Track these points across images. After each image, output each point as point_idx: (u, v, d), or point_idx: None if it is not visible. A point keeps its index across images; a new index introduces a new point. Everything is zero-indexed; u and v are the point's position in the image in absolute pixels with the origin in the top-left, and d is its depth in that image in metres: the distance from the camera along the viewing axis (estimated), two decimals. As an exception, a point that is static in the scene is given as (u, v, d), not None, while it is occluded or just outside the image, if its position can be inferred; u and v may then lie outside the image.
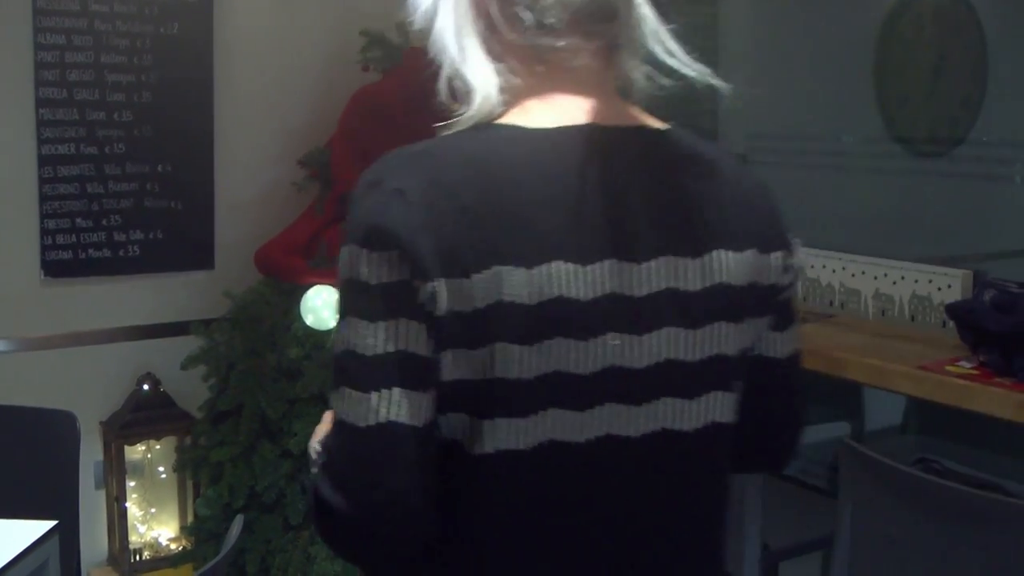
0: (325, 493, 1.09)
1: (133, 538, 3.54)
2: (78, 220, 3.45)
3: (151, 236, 3.58)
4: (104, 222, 3.49)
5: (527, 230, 1.07)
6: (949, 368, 2.08)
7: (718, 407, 1.19)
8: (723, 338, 1.17)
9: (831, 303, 2.62)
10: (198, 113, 3.61)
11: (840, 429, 3.03)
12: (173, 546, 3.59)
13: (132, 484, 3.53)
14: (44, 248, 3.42)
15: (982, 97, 2.66)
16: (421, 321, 1.06)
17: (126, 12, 3.44)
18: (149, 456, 3.57)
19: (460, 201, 1.06)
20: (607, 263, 1.10)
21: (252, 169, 3.74)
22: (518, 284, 1.06)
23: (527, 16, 1.12)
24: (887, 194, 2.94)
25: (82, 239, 3.47)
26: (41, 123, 3.37)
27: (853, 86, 2.90)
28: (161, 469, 3.58)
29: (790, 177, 3.11)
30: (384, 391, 1.07)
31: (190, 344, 3.55)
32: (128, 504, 3.52)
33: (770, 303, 1.23)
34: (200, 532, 3.43)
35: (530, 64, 1.15)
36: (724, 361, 1.18)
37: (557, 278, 1.07)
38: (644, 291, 1.12)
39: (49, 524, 2.07)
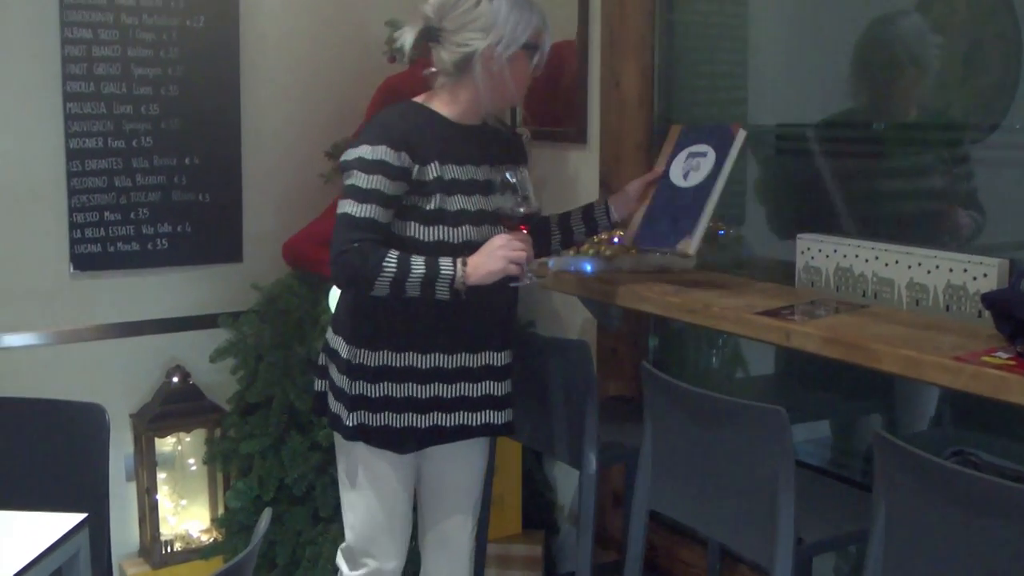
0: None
1: (164, 530, 3.55)
2: (106, 214, 3.46)
3: (179, 229, 3.58)
4: (132, 215, 3.50)
5: None
6: (985, 359, 2.04)
7: None
8: None
9: (864, 293, 2.58)
10: (225, 105, 3.62)
11: (874, 421, 3.00)
12: (204, 538, 3.60)
13: (163, 476, 3.55)
14: (73, 242, 3.43)
15: (1016, 83, 2.62)
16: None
17: (152, 6, 3.44)
18: (179, 448, 3.58)
19: None
20: None
21: (279, 161, 3.74)
22: None
23: None
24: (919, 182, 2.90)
25: (110, 232, 3.48)
26: (69, 117, 3.37)
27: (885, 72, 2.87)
28: (191, 461, 3.59)
29: (821, 164, 3.07)
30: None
31: (219, 336, 3.56)
32: (159, 496, 3.53)
33: None
34: (231, 524, 3.45)
35: None
36: None
37: None
38: None
39: (79, 517, 2.07)
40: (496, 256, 2.41)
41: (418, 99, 2.61)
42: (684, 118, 3.40)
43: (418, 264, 2.38)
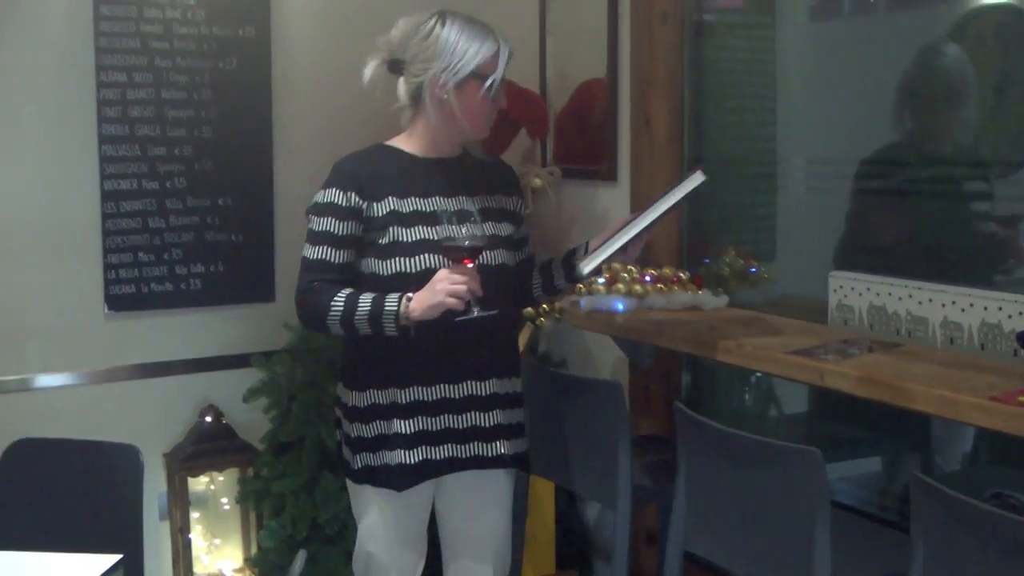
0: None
1: (197, 569, 3.55)
2: (140, 254, 3.49)
3: (212, 269, 3.61)
4: (166, 256, 3.53)
5: None
6: (1021, 399, 2.03)
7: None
8: None
9: (898, 331, 2.57)
10: (257, 147, 3.64)
11: (910, 462, 2.97)
12: (237, 577, 3.60)
13: (196, 516, 3.55)
14: (107, 282, 3.46)
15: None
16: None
17: (185, 49, 3.48)
18: (212, 488, 3.58)
19: None
20: None
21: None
22: None
23: None
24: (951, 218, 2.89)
25: (144, 273, 3.50)
26: (104, 159, 3.41)
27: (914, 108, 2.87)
28: (224, 500, 3.60)
29: (852, 201, 3.06)
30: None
31: (251, 376, 3.57)
32: (192, 535, 3.53)
33: None
34: (264, 564, 3.44)
35: None
36: None
37: None
38: None
39: (115, 558, 2.08)
40: (435, 290, 2.35)
41: (390, 140, 2.65)
42: (714, 155, 3.40)
43: (364, 302, 2.41)
